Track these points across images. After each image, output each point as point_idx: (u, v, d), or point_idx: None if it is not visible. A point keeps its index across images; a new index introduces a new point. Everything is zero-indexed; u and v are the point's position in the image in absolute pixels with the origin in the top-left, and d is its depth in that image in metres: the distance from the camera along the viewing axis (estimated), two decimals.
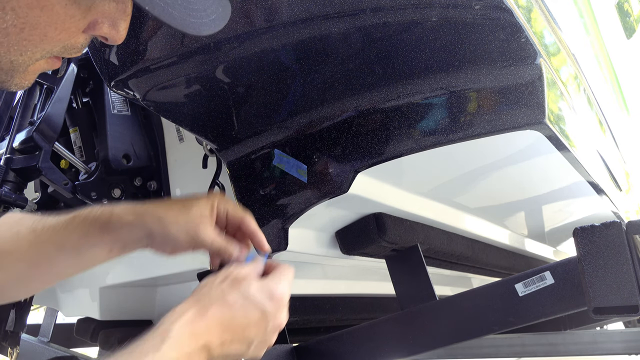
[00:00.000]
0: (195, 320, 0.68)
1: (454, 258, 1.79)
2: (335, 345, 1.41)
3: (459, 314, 1.27)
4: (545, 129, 0.95)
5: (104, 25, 0.62)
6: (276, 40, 0.86)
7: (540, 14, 0.94)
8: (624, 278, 1.07)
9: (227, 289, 0.72)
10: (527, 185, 1.62)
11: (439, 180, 1.43)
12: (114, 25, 0.62)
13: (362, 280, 1.95)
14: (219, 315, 0.70)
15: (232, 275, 0.74)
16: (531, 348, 1.97)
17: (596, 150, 1.48)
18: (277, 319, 0.75)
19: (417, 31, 0.86)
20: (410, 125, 0.98)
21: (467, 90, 0.94)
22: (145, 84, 0.94)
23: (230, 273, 0.75)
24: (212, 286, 0.73)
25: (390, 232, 1.34)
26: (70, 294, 1.76)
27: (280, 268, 0.79)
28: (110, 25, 0.62)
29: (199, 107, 0.99)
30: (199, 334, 0.67)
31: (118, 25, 0.63)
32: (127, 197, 1.34)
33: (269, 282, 0.75)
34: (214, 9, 0.65)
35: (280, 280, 0.76)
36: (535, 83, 0.91)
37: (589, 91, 1.34)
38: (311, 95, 0.98)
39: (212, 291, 0.72)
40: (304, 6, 0.80)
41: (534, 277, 1.17)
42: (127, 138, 1.32)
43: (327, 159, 1.02)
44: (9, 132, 1.27)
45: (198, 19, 0.62)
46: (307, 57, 0.90)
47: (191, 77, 0.92)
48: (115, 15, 0.62)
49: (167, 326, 0.66)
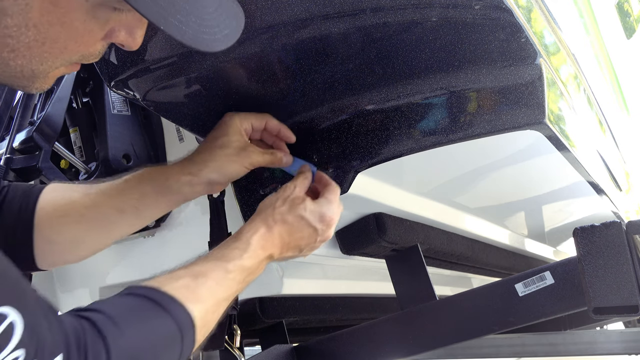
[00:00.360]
0: (265, 236, 0.84)
1: (454, 258, 1.79)
2: (335, 345, 1.41)
3: (459, 314, 1.27)
4: (545, 129, 0.95)
5: (121, 33, 0.66)
6: (276, 40, 0.85)
7: (540, 14, 0.94)
8: (624, 278, 1.07)
9: (286, 210, 0.87)
10: (527, 185, 1.62)
11: (439, 180, 1.43)
12: (131, 33, 0.66)
13: (362, 280, 1.95)
14: (281, 232, 0.86)
15: (290, 198, 0.89)
16: (531, 348, 1.98)
17: (596, 150, 1.47)
18: (325, 234, 0.90)
19: (417, 31, 0.86)
20: (410, 125, 0.98)
21: (467, 90, 0.94)
22: (145, 84, 0.94)
23: (287, 196, 0.89)
24: (275, 207, 0.88)
25: (390, 232, 1.34)
26: (71, 294, 1.76)
27: (330, 189, 0.93)
28: (127, 33, 0.66)
29: (199, 107, 0.99)
30: (267, 247, 0.84)
31: (134, 33, 0.66)
32: None
33: (322, 205, 0.90)
34: (227, 23, 0.68)
35: (330, 204, 0.90)
36: (535, 83, 0.91)
37: (589, 91, 1.34)
38: (311, 95, 0.98)
39: (275, 212, 0.87)
40: (304, 6, 0.80)
41: (534, 277, 1.17)
42: (127, 138, 1.32)
43: (327, 159, 1.02)
44: (9, 132, 1.27)
45: (211, 35, 0.65)
46: (307, 57, 0.90)
47: (191, 77, 0.92)
48: (132, 24, 0.65)
49: (247, 239, 0.82)
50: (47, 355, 0.52)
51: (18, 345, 0.49)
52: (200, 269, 0.76)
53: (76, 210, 0.89)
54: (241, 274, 0.80)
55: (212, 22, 0.65)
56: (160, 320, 0.66)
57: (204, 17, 0.64)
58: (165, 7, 0.59)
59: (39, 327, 0.52)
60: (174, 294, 0.69)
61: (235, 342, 1.39)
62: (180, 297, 0.69)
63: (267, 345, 1.66)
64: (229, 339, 1.39)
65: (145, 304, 0.67)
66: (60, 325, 0.56)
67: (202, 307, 0.71)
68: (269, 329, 1.75)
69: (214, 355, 1.90)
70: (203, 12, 0.64)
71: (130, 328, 0.63)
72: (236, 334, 1.40)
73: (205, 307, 0.72)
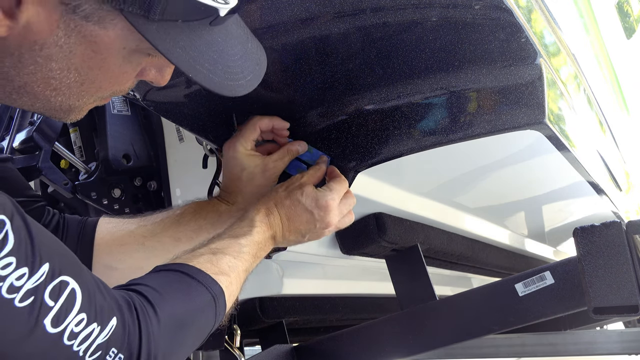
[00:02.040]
0: (267, 215, 0.91)
1: (454, 258, 1.79)
2: (335, 345, 1.41)
3: (459, 314, 1.27)
4: (545, 129, 0.95)
5: (152, 72, 0.72)
6: (276, 40, 0.86)
7: (540, 14, 0.94)
8: (624, 278, 1.07)
9: (285, 195, 0.93)
10: (527, 185, 1.62)
11: (439, 180, 1.43)
12: (161, 72, 0.72)
13: (362, 280, 1.95)
14: (281, 214, 0.92)
15: (293, 185, 0.95)
16: (531, 348, 1.98)
17: (596, 150, 1.47)
18: (324, 220, 0.93)
19: (417, 31, 0.86)
20: (410, 125, 0.98)
21: (467, 90, 0.94)
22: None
23: (292, 183, 0.95)
24: (277, 191, 0.94)
25: (390, 232, 1.34)
26: None
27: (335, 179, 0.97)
28: (157, 72, 0.72)
29: (199, 107, 0.99)
30: (271, 224, 0.90)
31: (164, 72, 0.73)
32: (127, 197, 1.34)
33: (318, 191, 0.94)
34: (251, 69, 0.73)
35: (327, 191, 0.94)
36: (535, 83, 0.91)
37: (589, 91, 1.34)
38: (311, 95, 0.98)
39: (276, 195, 0.94)
40: (304, 6, 0.80)
41: (534, 277, 1.17)
42: (127, 138, 1.32)
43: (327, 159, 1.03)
44: (9, 132, 1.27)
45: (235, 81, 0.70)
46: (307, 57, 0.90)
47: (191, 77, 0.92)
48: (162, 64, 0.71)
49: (251, 218, 0.89)
50: (104, 318, 0.59)
51: (80, 309, 0.56)
52: (217, 246, 0.83)
53: (135, 239, 0.98)
54: (253, 247, 0.86)
55: (236, 69, 0.70)
56: (196, 289, 0.73)
57: (229, 64, 0.69)
58: (194, 57, 0.65)
59: (94, 295, 0.59)
60: (201, 267, 0.76)
61: (235, 342, 1.40)
62: (207, 270, 0.76)
63: (267, 345, 1.66)
64: (229, 339, 1.39)
65: (179, 276, 0.73)
66: (112, 294, 0.62)
67: (226, 279, 0.78)
68: (269, 329, 1.75)
69: (214, 355, 1.91)
70: (229, 60, 0.70)
71: (172, 295, 0.70)
72: (236, 334, 1.40)
73: (228, 279, 0.79)
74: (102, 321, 0.58)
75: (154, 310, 0.65)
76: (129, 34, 0.63)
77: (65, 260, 0.59)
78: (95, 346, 0.57)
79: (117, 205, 1.33)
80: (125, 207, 1.34)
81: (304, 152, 1.02)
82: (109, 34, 0.62)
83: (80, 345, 0.56)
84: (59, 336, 0.54)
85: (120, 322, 0.60)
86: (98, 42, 0.62)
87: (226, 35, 0.69)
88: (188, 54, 0.64)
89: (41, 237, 0.56)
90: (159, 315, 0.65)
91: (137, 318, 0.63)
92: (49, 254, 0.55)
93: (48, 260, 0.55)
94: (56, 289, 0.55)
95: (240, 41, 0.72)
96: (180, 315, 0.70)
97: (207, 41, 0.67)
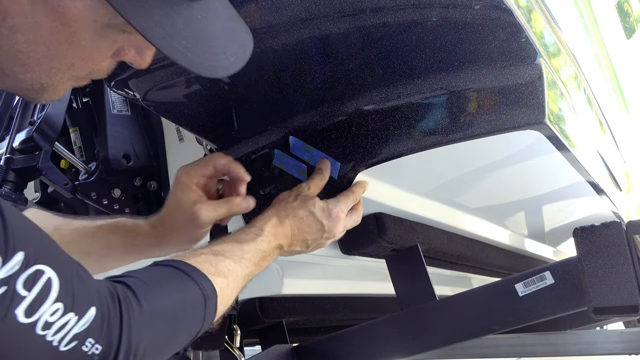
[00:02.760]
0: (277, 225, 0.90)
1: (454, 258, 1.79)
2: (335, 345, 1.41)
3: (459, 314, 1.27)
4: (545, 129, 0.95)
5: (130, 52, 0.67)
6: (276, 40, 0.85)
7: (540, 14, 0.94)
8: (624, 278, 1.07)
9: (298, 205, 0.93)
10: (527, 185, 1.62)
11: (439, 180, 1.42)
12: (140, 52, 0.67)
13: (362, 280, 1.95)
14: (292, 225, 0.92)
15: (302, 195, 0.95)
16: (531, 348, 1.98)
17: (596, 150, 1.47)
18: (332, 231, 0.95)
19: (417, 31, 0.86)
20: (410, 125, 0.98)
21: (467, 90, 0.94)
22: (145, 84, 0.94)
23: (300, 192, 0.95)
24: (288, 202, 0.94)
25: (390, 232, 1.34)
26: None
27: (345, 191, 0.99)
28: (136, 52, 0.67)
29: (199, 107, 0.99)
30: (278, 235, 0.90)
31: (144, 52, 0.67)
32: (127, 197, 1.34)
33: (330, 203, 0.95)
34: (234, 50, 0.68)
35: (338, 203, 0.96)
36: (535, 83, 0.91)
37: (589, 91, 1.34)
38: (311, 95, 0.98)
39: (287, 206, 0.93)
40: (304, 6, 0.80)
41: (534, 277, 1.17)
42: (127, 138, 1.32)
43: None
44: (9, 132, 1.27)
45: (215, 62, 0.66)
46: (307, 57, 0.90)
47: (191, 77, 0.92)
48: (142, 43, 0.66)
49: (260, 226, 0.88)
50: (82, 308, 0.57)
51: (57, 299, 0.55)
52: (219, 248, 0.81)
53: None
54: (256, 255, 0.85)
55: (218, 50, 0.66)
56: (187, 285, 0.71)
57: (210, 44, 0.65)
58: (170, 33, 0.61)
59: (72, 283, 0.57)
60: (198, 266, 0.74)
61: (235, 342, 1.39)
62: (203, 269, 0.74)
63: (267, 345, 1.66)
64: (229, 339, 1.39)
65: (172, 271, 0.72)
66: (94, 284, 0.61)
67: (223, 280, 0.76)
68: (269, 329, 1.75)
69: (214, 355, 1.91)
70: (209, 39, 0.65)
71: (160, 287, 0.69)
72: (236, 334, 1.40)
73: (225, 281, 0.77)
74: (80, 311, 0.57)
75: (138, 300, 0.63)
76: (99, 6, 0.59)
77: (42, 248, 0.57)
78: (72, 336, 0.56)
79: (117, 205, 1.33)
80: (125, 207, 1.34)
81: (248, 211, 0.95)
82: (77, 5, 0.58)
83: (54, 335, 0.55)
84: (32, 326, 0.53)
85: (99, 311, 0.58)
86: (66, 13, 0.58)
87: (207, 13, 0.65)
88: (163, 29, 0.60)
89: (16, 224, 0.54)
90: (143, 305, 0.64)
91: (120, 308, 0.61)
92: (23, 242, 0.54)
93: (22, 248, 0.53)
94: (30, 278, 0.53)
95: (224, 20, 0.68)
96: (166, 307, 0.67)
97: (185, 17, 0.62)
